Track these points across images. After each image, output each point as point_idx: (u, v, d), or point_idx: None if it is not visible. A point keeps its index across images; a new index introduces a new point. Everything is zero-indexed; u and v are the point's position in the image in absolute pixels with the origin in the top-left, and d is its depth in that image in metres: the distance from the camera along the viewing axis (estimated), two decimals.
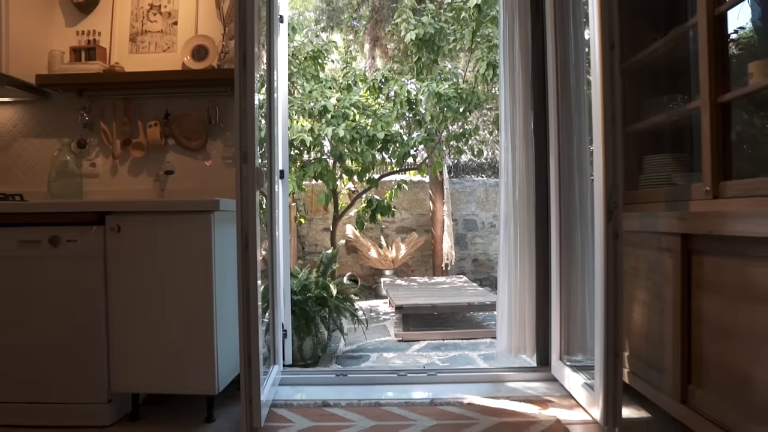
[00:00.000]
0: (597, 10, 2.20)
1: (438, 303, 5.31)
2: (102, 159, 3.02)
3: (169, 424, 2.43)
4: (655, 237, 2.27)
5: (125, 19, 2.99)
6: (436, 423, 2.39)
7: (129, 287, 2.37)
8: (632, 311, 2.48)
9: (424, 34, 5.98)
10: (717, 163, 2.06)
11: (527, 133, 3.07)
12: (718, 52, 2.06)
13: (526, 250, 3.05)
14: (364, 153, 5.81)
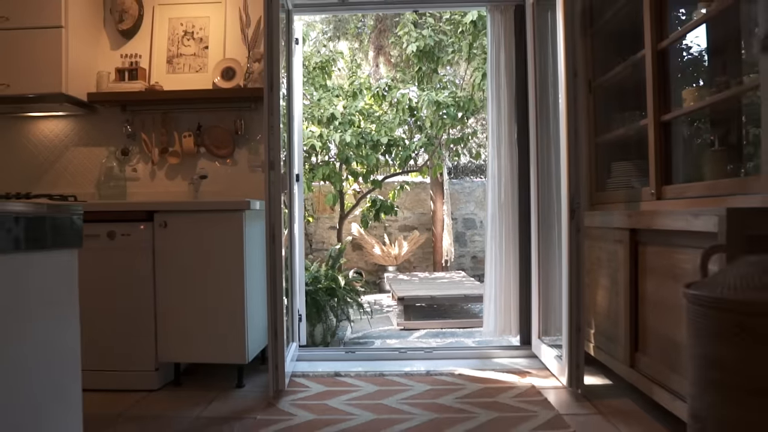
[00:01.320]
0: (562, 45, 2.66)
1: (437, 294, 5.77)
2: (142, 165, 3.49)
3: (205, 389, 2.89)
4: (612, 232, 2.72)
5: (163, 44, 3.46)
6: (430, 388, 2.84)
7: (173, 274, 2.84)
8: (597, 295, 2.93)
9: (425, 45, 6.45)
10: (660, 170, 2.52)
11: (511, 143, 3.53)
12: (661, 80, 2.52)
13: (511, 244, 3.51)
14: (368, 156, 6.27)
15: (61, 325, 1.74)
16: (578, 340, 2.63)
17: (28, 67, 3.12)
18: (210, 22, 3.44)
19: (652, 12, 2.55)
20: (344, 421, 2.40)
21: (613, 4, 3.04)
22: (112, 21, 3.48)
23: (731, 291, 1.13)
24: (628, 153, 3.13)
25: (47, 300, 1.63)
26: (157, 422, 2.45)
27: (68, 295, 1.78)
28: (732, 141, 2.27)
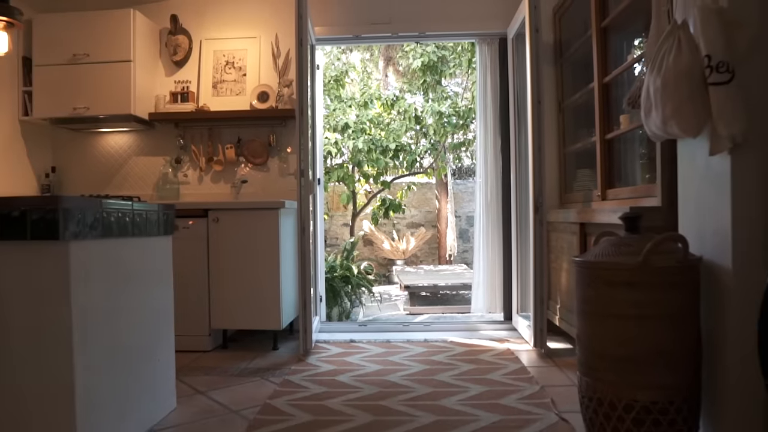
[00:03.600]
0: (530, 78, 3.38)
1: (439, 283, 6.51)
2: (192, 171, 4.25)
3: (248, 351, 3.64)
4: (570, 225, 3.43)
5: (209, 72, 4.21)
6: (426, 350, 3.57)
7: (223, 258, 3.58)
8: (561, 276, 3.64)
9: (429, 60, 7.18)
10: (604, 177, 3.23)
11: (496, 152, 4.26)
12: (605, 106, 3.23)
13: (496, 236, 4.24)
14: (378, 160, 7.02)
15: (163, 288, 2.53)
16: (541, 311, 3.36)
17: (103, 93, 3.89)
18: (247, 53, 4.19)
19: (598, 53, 3.26)
20: (358, 370, 3.14)
21: (576, 40, 3.75)
22: (167, 53, 4.24)
23: (594, 257, 1.84)
24: (588, 162, 3.83)
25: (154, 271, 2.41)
26: (215, 371, 3.19)
27: (167, 269, 2.56)
28: (652, 155, 2.97)
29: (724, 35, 1.60)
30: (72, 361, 1.81)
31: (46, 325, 1.80)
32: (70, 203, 1.79)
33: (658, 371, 1.69)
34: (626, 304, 1.73)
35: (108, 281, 2.05)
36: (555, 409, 2.44)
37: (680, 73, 1.68)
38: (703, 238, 1.85)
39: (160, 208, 2.51)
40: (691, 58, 1.68)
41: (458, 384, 2.84)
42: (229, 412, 2.53)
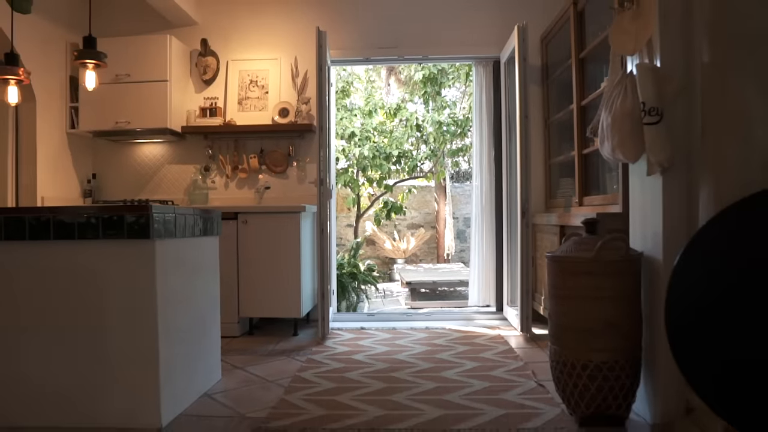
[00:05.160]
0: (518, 95, 3.92)
1: (437, 280, 7.04)
2: (219, 178, 4.78)
3: (271, 336, 4.16)
4: (552, 227, 3.97)
5: (234, 89, 4.74)
6: (427, 335, 4.10)
7: (250, 255, 4.10)
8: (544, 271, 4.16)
9: (429, 73, 7.72)
10: (581, 186, 3.77)
11: (490, 160, 4.80)
12: (581, 127, 3.76)
13: (489, 236, 4.78)
14: (382, 166, 7.55)
15: (214, 279, 3.06)
16: (528, 301, 3.90)
17: (142, 109, 4.41)
18: (269, 73, 4.72)
19: (577, 79, 3.80)
20: (370, 351, 3.67)
21: (561, 65, 4.28)
22: (197, 72, 4.76)
23: (561, 253, 2.37)
24: (569, 172, 4.36)
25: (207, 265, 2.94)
26: (247, 352, 3.72)
27: (215, 263, 3.09)
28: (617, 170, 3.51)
29: (655, 87, 2.14)
30: (157, 336, 2.34)
31: (137, 306, 2.33)
32: (156, 210, 2.32)
33: (608, 339, 2.22)
34: (585, 289, 2.26)
35: (179, 272, 2.58)
36: (534, 378, 2.99)
37: (624, 114, 2.22)
38: (645, 237, 2.39)
39: (212, 213, 3.04)
40: (633, 103, 2.22)
41: (455, 361, 3.38)
42: (266, 382, 3.06)
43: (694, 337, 1.72)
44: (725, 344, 1.66)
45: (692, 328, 1.73)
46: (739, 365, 1.63)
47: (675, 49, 2.21)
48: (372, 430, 2.34)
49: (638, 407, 2.38)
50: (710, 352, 1.69)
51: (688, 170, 2.18)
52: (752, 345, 1.62)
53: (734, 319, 1.65)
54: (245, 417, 2.52)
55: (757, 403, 1.60)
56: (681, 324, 1.75)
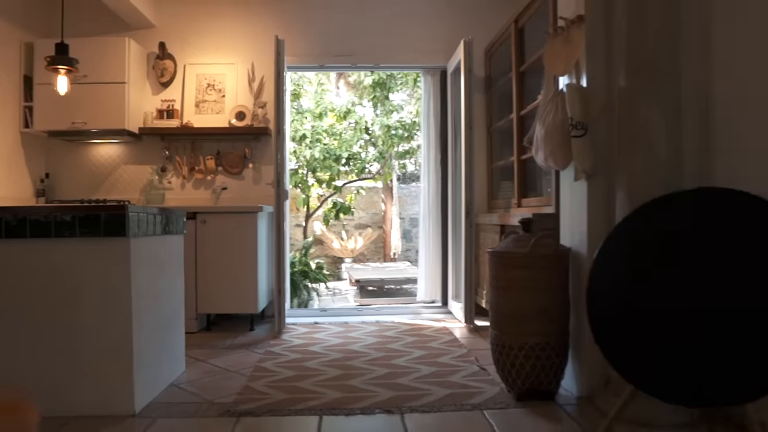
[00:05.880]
0: (463, 105, 4.24)
1: (385, 277, 7.33)
2: (175, 179, 4.89)
3: (228, 331, 4.33)
4: (493, 227, 4.31)
5: (192, 92, 4.87)
6: (378, 328, 4.37)
7: (209, 254, 4.26)
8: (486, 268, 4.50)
9: (378, 78, 8.00)
10: (519, 189, 4.12)
11: (437, 163, 5.11)
12: (520, 135, 4.11)
13: (436, 235, 5.09)
14: (331, 167, 7.78)
15: (179, 274, 3.22)
16: (471, 295, 4.22)
17: (99, 110, 4.49)
18: (226, 77, 4.87)
19: (516, 91, 4.14)
20: (325, 342, 3.90)
21: (503, 76, 4.63)
22: (154, 75, 4.87)
23: (500, 249, 2.68)
24: (510, 176, 4.72)
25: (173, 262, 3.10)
26: (206, 346, 3.88)
27: (180, 261, 3.25)
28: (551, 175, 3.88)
29: (582, 105, 2.47)
30: (131, 329, 2.51)
31: (113, 301, 2.49)
32: (131, 209, 2.49)
33: (541, 323, 2.54)
34: (522, 280, 2.57)
35: (150, 269, 2.75)
36: (477, 363, 3.30)
37: (555, 127, 2.55)
38: (573, 235, 2.73)
39: (178, 212, 3.20)
40: (563, 118, 2.55)
41: (405, 350, 3.65)
42: (228, 372, 3.25)
43: (610, 321, 2.04)
44: (633, 326, 1.99)
45: (608, 313, 2.05)
46: (643, 342, 1.96)
47: (598, 72, 2.55)
48: (333, 409, 2.58)
49: (566, 383, 2.72)
50: (623, 333, 2.02)
51: (608, 177, 2.52)
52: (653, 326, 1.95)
53: (639, 304, 1.98)
54: (213, 402, 2.71)
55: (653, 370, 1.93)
56: (600, 310, 2.07)
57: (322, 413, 2.54)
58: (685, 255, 1.93)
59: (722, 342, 1.85)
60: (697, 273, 1.90)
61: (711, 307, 1.87)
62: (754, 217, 1.86)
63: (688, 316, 1.89)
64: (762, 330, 1.82)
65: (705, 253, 1.90)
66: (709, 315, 1.87)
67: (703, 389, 1.88)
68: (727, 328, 1.85)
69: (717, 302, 1.87)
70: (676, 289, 1.92)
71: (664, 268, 1.95)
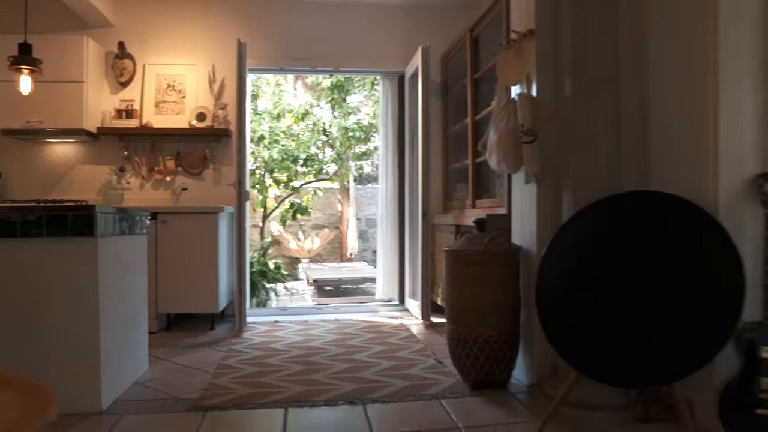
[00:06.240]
0: (421, 109, 4.40)
1: (343, 277, 7.44)
2: (134, 179, 4.88)
3: (189, 331, 4.37)
4: (449, 227, 4.48)
5: (151, 92, 4.87)
6: (337, 325, 4.48)
7: (168, 253, 4.28)
8: (442, 266, 4.67)
9: (336, 80, 8.10)
10: (473, 190, 4.31)
11: (394, 165, 5.26)
12: (475, 139, 4.30)
13: (393, 235, 5.24)
14: (289, 168, 7.84)
15: (143, 274, 3.27)
16: (427, 292, 4.39)
17: (56, 109, 4.45)
18: (187, 78, 4.90)
19: (471, 97, 4.33)
20: (286, 340, 3.99)
21: (458, 82, 4.81)
22: (113, 74, 4.85)
23: (456, 247, 2.85)
24: (464, 178, 4.91)
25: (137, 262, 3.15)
26: (167, 345, 3.91)
27: (144, 260, 3.29)
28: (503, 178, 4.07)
29: (532, 113, 2.66)
30: (98, 328, 2.55)
31: (81, 301, 2.53)
32: (99, 209, 2.53)
33: (495, 317, 2.72)
34: (476, 276, 2.74)
35: (116, 268, 2.79)
36: (434, 357, 3.46)
37: (508, 134, 2.73)
38: (524, 234, 2.92)
39: (142, 212, 3.24)
40: (514, 125, 2.73)
41: (364, 346, 3.78)
42: (192, 370, 3.31)
43: (557, 313, 2.22)
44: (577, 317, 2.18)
45: (555, 306, 2.23)
46: (585, 332, 2.15)
47: (547, 83, 2.75)
48: (298, 401, 2.69)
49: (517, 373, 2.91)
50: (568, 324, 2.20)
51: (555, 180, 2.71)
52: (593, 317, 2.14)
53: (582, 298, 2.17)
54: (179, 398, 2.78)
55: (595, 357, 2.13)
56: (547, 303, 2.25)
57: (287, 405, 2.65)
58: (621, 252, 2.13)
59: (652, 330, 2.06)
60: (631, 268, 2.10)
61: (643, 298, 2.07)
62: (681, 217, 2.08)
63: (624, 306, 2.09)
64: (684, 318, 2.03)
65: (638, 249, 2.10)
66: (641, 305, 2.07)
67: (637, 372, 2.08)
68: (657, 317, 2.05)
69: (648, 294, 2.07)
70: (613, 284, 2.11)
71: (603, 264, 2.15)
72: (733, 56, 2.20)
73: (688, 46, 2.37)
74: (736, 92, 2.20)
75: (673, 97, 2.46)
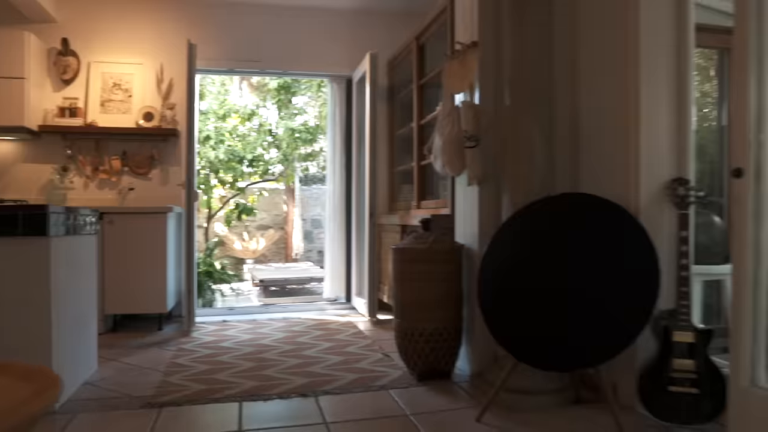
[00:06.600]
0: (368, 113, 4.55)
1: (289, 277, 7.50)
2: (78, 179, 4.81)
3: (137, 332, 4.35)
4: (395, 227, 4.65)
5: (97, 91, 4.81)
6: (286, 324, 4.57)
7: (115, 254, 4.25)
8: (388, 265, 4.84)
9: (283, 82, 8.15)
10: (418, 191, 4.49)
11: (341, 167, 5.39)
12: (420, 142, 4.48)
13: (340, 235, 5.37)
14: (235, 169, 7.83)
15: (93, 273, 3.28)
16: (374, 290, 4.54)
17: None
18: (134, 77, 4.86)
19: (417, 102, 4.51)
20: (236, 338, 4.06)
21: (405, 87, 4.99)
22: (56, 71, 4.76)
23: (403, 245, 3.01)
24: (410, 180, 5.09)
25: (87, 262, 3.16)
26: (115, 346, 3.90)
27: (94, 259, 3.30)
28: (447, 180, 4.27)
29: (474, 120, 2.85)
30: (51, 328, 2.56)
31: (32, 299, 2.54)
32: (52, 209, 2.55)
33: (439, 311, 2.89)
34: (422, 273, 2.91)
35: (68, 268, 2.80)
36: (381, 351, 3.61)
37: (452, 139, 2.91)
38: (466, 234, 3.11)
39: (91, 212, 3.24)
40: (458, 130, 2.91)
41: (314, 343, 3.90)
42: (143, 369, 3.33)
43: (496, 305, 2.41)
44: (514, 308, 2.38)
45: (494, 299, 2.42)
46: (521, 321, 2.35)
47: (488, 92, 2.94)
48: (251, 395, 2.78)
49: (461, 363, 3.09)
50: (506, 315, 2.40)
51: (496, 183, 2.92)
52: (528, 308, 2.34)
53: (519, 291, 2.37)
54: (132, 396, 2.82)
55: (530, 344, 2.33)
56: (488, 296, 2.44)
57: (241, 400, 2.74)
58: (554, 248, 2.34)
59: (579, 318, 2.27)
60: (563, 262, 2.31)
61: (572, 289, 2.29)
62: (606, 216, 2.30)
63: (555, 297, 2.30)
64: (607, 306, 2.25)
65: (569, 246, 2.32)
66: (570, 296, 2.29)
67: (567, 357, 2.29)
68: (582, 307, 2.27)
69: (577, 286, 2.29)
70: (547, 277, 2.32)
71: (538, 260, 2.35)
72: (651, 78, 2.47)
73: (613, 68, 2.63)
74: (654, 109, 2.48)
75: (601, 111, 2.71)
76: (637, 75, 2.47)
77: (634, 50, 2.48)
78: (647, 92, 2.46)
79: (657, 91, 2.48)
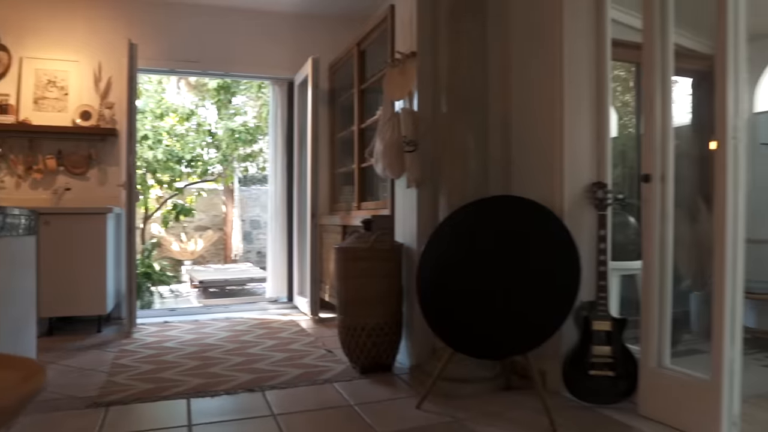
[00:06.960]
0: (310, 116, 4.65)
1: (229, 278, 7.48)
2: (9, 178, 4.68)
3: (74, 335, 4.29)
4: (336, 227, 4.77)
5: (30, 88, 4.69)
6: (228, 323, 4.61)
7: (52, 255, 4.18)
8: (330, 265, 4.96)
9: (223, 82, 8.11)
10: (359, 193, 4.63)
11: (283, 168, 5.47)
12: (361, 145, 4.62)
13: (282, 235, 5.44)
14: (173, 169, 7.74)
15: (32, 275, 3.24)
16: (316, 289, 4.65)
17: None
18: (69, 75, 4.77)
19: (358, 106, 4.66)
20: (179, 338, 4.08)
21: (346, 91, 5.12)
22: None
23: (345, 245, 3.15)
24: (350, 181, 5.23)
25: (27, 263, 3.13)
26: (53, 350, 3.84)
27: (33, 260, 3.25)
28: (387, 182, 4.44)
29: (413, 125, 3.02)
30: None
31: None
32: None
33: (380, 307, 3.04)
34: (364, 271, 3.05)
35: (8, 270, 2.77)
36: (324, 348, 3.73)
37: (392, 143, 3.07)
38: (405, 233, 3.28)
39: (29, 212, 3.20)
40: (398, 135, 3.08)
41: (258, 341, 3.97)
42: (84, 370, 3.32)
43: (433, 300, 2.59)
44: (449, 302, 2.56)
45: (432, 293, 2.60)
46: (456, 314, 2.53)
47: (426, 100, 3.12)
48: (199, 392, 2.85)
49: (401, 357, 3.26)
50: (442, 308, 2.57)
51: (433, 185, 3.09)
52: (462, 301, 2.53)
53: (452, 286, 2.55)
54: (76, 397, 2.83)
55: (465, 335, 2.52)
56: (425, 292, 2.61)
57: (189, 396, 2.80)
58: (486, 245, 2.54)
59: (508, 310, 2.48)
60: (494, 259, 2.51)
61: (501, 283, 2.49)
62: (533, 216, 2.52)
63: (487, 291, 2.50)
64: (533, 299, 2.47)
65: (499, 243, 2.52)
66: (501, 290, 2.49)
67: (497, 345, 2.50)
68: (510, 300, 2.48)
69: (506, 280, 2.49)
70: (478, 272, 2.52)
71: (471, 257, 2.54)
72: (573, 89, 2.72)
73: (540, 78, 2.86)
74: (576, 118, 2.73)
75: (530, 120, 2.95)
76: (561, 85, 2.71)
77: (559, 62, 2.72)
78: (570, 103, 2.70)
79: (579, 102, 2.73)
